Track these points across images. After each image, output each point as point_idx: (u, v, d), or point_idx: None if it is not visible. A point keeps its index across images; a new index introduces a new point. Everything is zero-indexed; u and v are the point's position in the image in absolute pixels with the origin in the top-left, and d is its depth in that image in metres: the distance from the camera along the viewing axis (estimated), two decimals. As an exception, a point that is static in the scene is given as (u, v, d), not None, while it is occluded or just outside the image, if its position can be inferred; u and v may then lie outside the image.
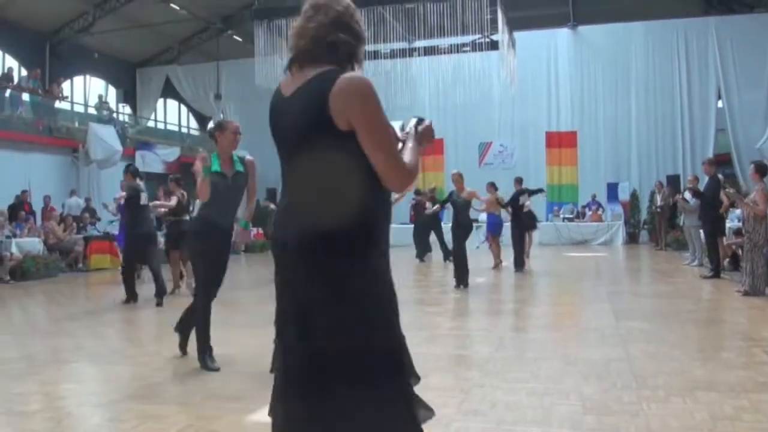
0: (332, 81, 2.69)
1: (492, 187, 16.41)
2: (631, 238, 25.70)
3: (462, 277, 12.59)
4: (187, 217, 12.17)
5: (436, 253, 19.07)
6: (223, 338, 8.10)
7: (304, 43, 2.80)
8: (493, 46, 21.85)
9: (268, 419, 2.83)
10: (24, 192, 19.17)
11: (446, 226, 21.14)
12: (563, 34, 28.59)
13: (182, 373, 6.47)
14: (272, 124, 2.90)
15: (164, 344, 7.75)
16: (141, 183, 11.64)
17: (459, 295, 11.95)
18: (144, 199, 11.47)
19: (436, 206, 16.29)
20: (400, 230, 21.69)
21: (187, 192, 12.08)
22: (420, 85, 27.07)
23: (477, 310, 10.56)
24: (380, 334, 2.77)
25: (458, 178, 13.27)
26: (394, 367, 2.78)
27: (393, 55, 22.99)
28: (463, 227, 13.17)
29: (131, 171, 11.75)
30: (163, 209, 12.28)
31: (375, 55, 22.13)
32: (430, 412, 2.87)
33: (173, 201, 12.10)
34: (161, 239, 13.46)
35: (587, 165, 27.13)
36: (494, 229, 16.93)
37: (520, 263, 15.96)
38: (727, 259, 13.93)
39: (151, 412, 4.92)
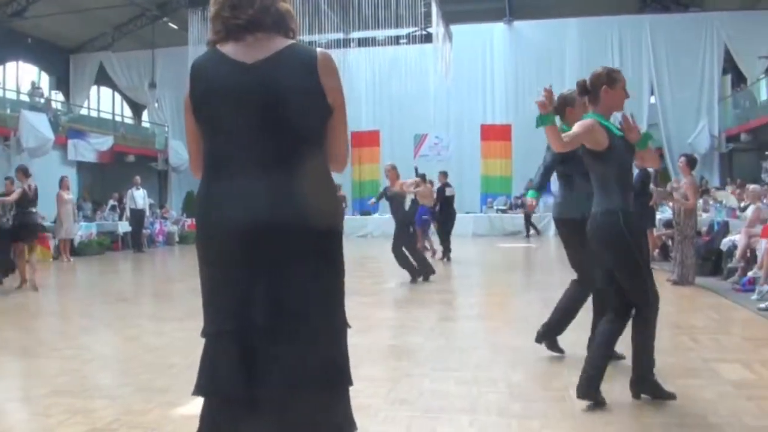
0: (313, 54, 2.67)
1: (422, 179, 16.59)
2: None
3: (417, 271, 12.29)
4: (34, 209, 11.99)
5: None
6: (154, 330, 8.03)
7: (253, 12, 2.67)
8: (429, 39, 21.94)
9: (197, 412, 2.74)
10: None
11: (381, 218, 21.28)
12: (499, 28, 29.02)
13: (111, 367, 6.35)
14: (221, 91, 2.66)
15: (93, 337, 7.63)
16: (30, 179, 11.72)
17: (393, 285, 12.02)
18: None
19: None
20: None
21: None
22: (357, 77, 27.09)
23: (409, 300, 10.58)
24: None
25: (391, 171, 12.56)
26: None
27: (329, 45, 22.98)
28: (398, 224, 12.55)
29: (22, 170, 11.89)
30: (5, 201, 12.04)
31: (311, 45, 22.07)
32: None
33: (13, 195, 11.85)
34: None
35: (521, 158, 27.33)
36: (421, 220, 17.09)
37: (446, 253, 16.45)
38: (657, 250, 14.23)
39: (78, 407, 4.80)
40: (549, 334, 6.14)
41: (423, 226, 17.11)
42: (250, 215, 2.55)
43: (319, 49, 2.71)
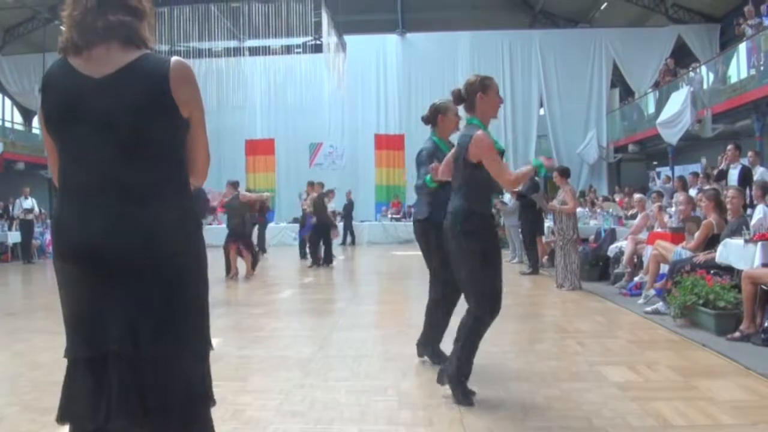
0: (166, 64, 2.51)
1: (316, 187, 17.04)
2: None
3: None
4: None
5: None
6: (43, 346, 7.72)
7: (104, 21, 2.51)
8: (320, 48, 22.12)
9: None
10: None
11: (277, 226, 21.08)
12: (392, 39, 29.35)
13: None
14: (67, 107, 2.49)
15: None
16: None
17: (286, 295, 11.91)
18: None
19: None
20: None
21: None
22: (252, 85, 27.15)
23: (303, 310, 10.50)
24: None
25: (228, 187, 11.54)
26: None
27: (222, 53, 22.83)
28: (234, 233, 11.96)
29: None
30: None
31: (207, 53, 21.93)
32: None
33: None
34: None
35: (414, 167, 27.59)
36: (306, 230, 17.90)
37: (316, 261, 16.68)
38: (546, 257, 14.56)
39: (-40, 428, 4.56)
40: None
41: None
42: (101, 240, 2.44)
43: (173, 59, 2.57)
